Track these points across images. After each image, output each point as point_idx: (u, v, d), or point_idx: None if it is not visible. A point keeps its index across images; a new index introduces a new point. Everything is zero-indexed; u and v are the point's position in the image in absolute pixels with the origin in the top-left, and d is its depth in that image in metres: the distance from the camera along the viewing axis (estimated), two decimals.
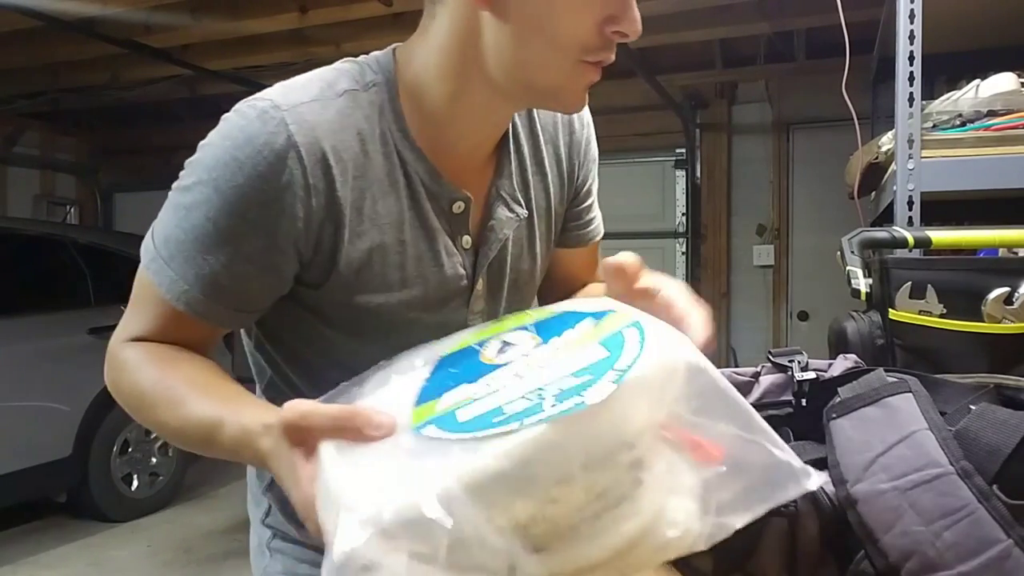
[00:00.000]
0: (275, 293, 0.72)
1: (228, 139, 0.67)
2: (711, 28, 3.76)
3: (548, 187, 0.84)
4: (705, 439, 0.45)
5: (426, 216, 0.73)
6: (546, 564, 0.41)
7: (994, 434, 0.46)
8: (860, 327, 1.00)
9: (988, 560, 0.42)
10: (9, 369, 3.45)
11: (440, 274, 0.74)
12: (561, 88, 0.70)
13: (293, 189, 0.65)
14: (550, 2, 0.65)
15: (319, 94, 0.69)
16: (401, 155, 0.71)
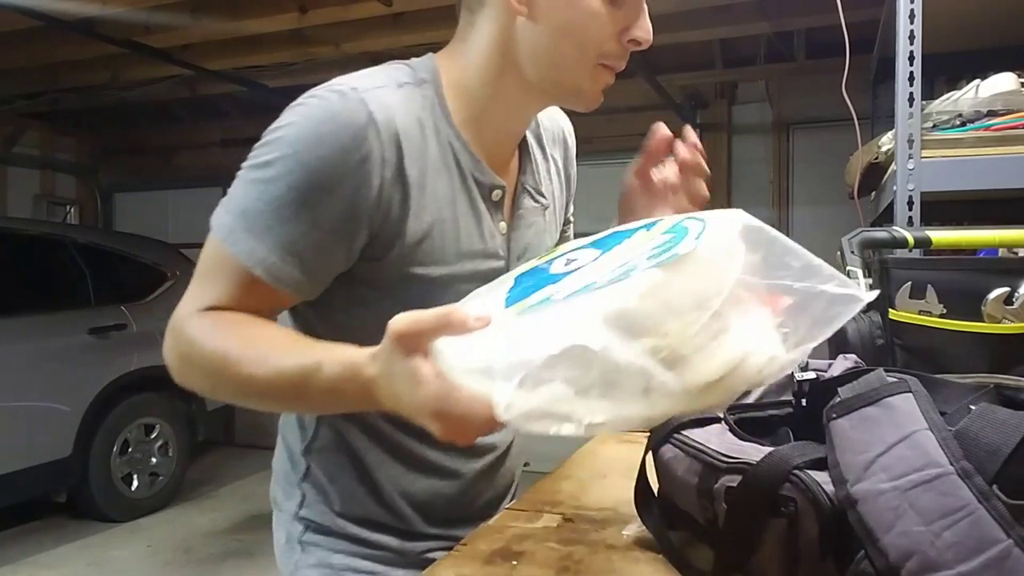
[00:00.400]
0: (343, 264, 0.75)
1: (310, 118, 0.71)
2: (711, 28, 3.76)
3: (554, 188, 0.95)
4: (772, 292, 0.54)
5: (474, 198, 0.81)
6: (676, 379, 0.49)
7: (994, 434, 0.46)
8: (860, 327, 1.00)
9: (988, 560, 0.42)
10: (9, 369, 3.45)
11: (485, 251, 0.82)
12: (583, 88, 0.79)
13: (370, 162, 0.70)
14: (580, 12, 0.74)
15: (386, 83, 0.76)
16: (452, 144, 0.79)
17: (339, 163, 0.69)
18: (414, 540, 0.88)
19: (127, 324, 4.01)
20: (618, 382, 0.48)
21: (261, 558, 3.54)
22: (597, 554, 0.73)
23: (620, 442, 1.22)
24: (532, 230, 0.89)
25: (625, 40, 0.77)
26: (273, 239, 0.70)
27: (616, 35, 0.76)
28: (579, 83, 0.78)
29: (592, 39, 0.75)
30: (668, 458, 0.69)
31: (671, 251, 0.51)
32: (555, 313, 0.51)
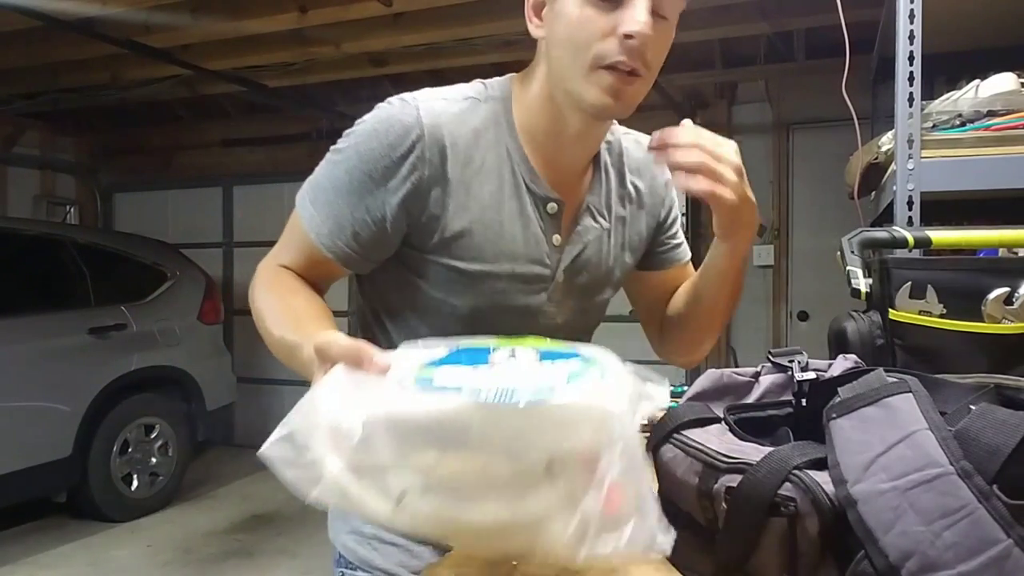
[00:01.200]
0: (385, 246, 0.86)
1: (375, 117, 0.83)
2: (711, 28, 3.75)
3: (626, 217, 0.98)
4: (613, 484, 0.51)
5: (524, 207, 0.87)
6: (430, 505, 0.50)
7: (994, 434, 0.46)
8: (860, 327, 1.00)
9: (988, 560, 0.42)
10: (9, 369, 3.45)
11: (528, 256, 0.88)
12: (586, 94, 0.80)
13: (411, 159, 0.81)
14: (566, 20, 0.79)
15: (449, 96, 0.86)
16: (511, 156, 0.87)
17: (385, 156, 0.81)
18: None
19: (127, 324, 4.02)
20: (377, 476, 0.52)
21: (261, 558, 3.54)
22: None
23: None
24: (590, 248, 0.93)
25: (620, 35, 0.78)
26: (328, 212, 0.83)
27: (607, 33, 0.78)
28: (579, 89, 0.80)
29: (579, 43, 0.78)
30: (668, 458, 0.69)
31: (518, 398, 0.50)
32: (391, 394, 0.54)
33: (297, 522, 3.92)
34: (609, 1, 0.78)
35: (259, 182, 5.63)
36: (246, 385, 5.33)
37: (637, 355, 2.47)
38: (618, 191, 0.97)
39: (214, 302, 4.67)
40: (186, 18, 3.53)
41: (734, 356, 4.47)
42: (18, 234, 3.87)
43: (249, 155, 5.59)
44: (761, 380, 0.77)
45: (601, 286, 0.97)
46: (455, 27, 3.53)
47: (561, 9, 0.79)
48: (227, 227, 5.83)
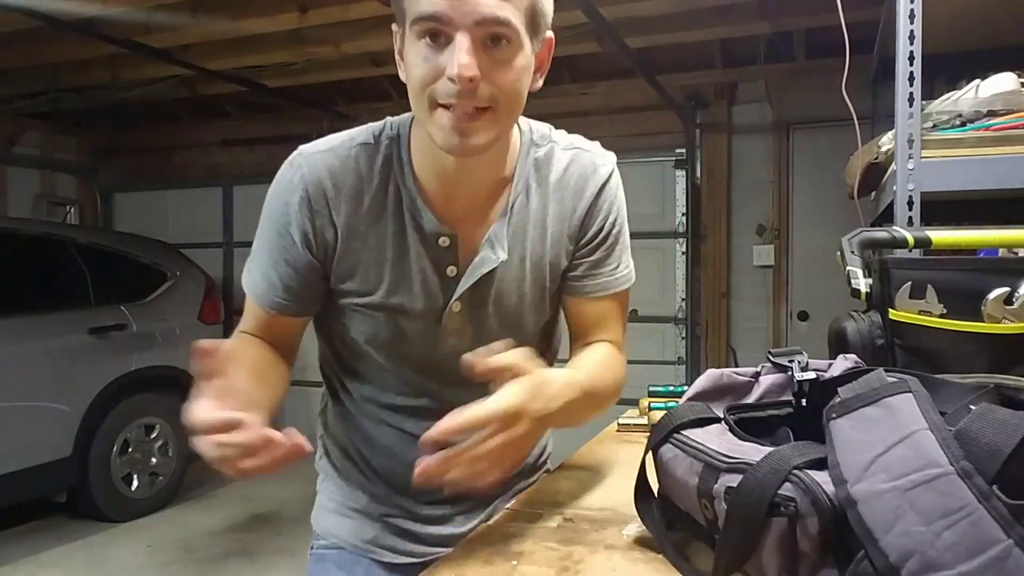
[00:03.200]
0: (313, 289, 0.94)
1: (274, 181, 0.93)
2: (711, 28, 3.76)
3: (546, 239, 0.95)
4: None
5: (412, 243, 0.91)
6: None
7: (994, 434, 0.46)
8: (860, 327, 1.00)
9: (988, 560, 0.42)
10: (9, 369, 3.45)
11: (412, 290, 0.92)
12: (431, 134, 0.82)
13: (302, 211, 0.89)
14: (408, 59, 0.81)
15: (336, 146, 0.91)
16: (400, 193, 0.90)
17: (283, 213, 0.90)
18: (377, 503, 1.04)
19: (127, 324, 4.02)
20: None
21: (261, 558, 3.54)
22: (597, 554, 0.73)
23: (620, 442, 1.22)
24: (488, 278, 0.92)
25: (445, 75, 0.77)
26: (260, 273, 0.93)
27: (438, 73, 0.77)
28: (429, 131, 0.82)
29: (416, 86, 0.79)
30: (668, 458, 0.69)
31: None
32: None
33: (297, 522, 3.91)
34: (436, 42, 0.77)
35: (259, 182, 5.58)
36: None
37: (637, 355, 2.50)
38: (537, 214, 0.94)
39: (214, 302, 4.67)
40: (186, 18, 3.53)
41: (734, 356, 4.47)
42: (18, 234, 3.87)
43: (249, 155, 5.59)
44: (761, 380, 0.77)
45: (517, 311, 0.96)
46: None
47: (406, 52, 0.81)
48: (227, 227, 5.83)
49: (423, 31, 0.77)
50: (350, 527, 1.05)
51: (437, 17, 0.75)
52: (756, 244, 4.48)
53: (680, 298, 4.69)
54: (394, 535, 1.03)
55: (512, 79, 0.80)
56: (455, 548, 0.77)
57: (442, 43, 0.77)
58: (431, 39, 0.77)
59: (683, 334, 4.69)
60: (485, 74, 0.77)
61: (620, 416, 1.34)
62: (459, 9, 0.75)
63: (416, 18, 0.77)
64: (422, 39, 0.77)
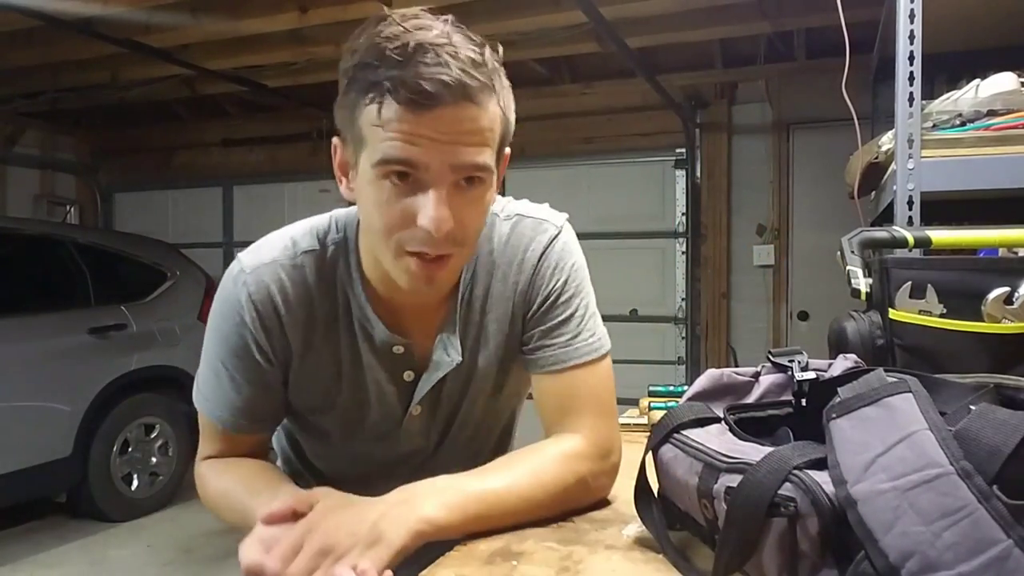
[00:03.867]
0: (278, 404, 0.91)
1: (219, 297, 0.87)
2: (711, 28, 3.76)
3: (492, 324, 0.91)
4: None
5: (361, 354, 0.88)
6: None
7: (994, 434, 0.46)
8: (860, 327, 1.00)
9: (988, 560, 0.42)
10: (9, 369, 3.45)
11: (369, 402, 0.90)
12: (397, 273, 0.78)
13: (257, 329, 0.85)
14: (367, 202, 0.75)
15: (279, 256, 0.86)
16: (349, 303, 0.87)
17: (237, 332, 0.85)
18: None
19: (127, 324, 4.01)
20: None
21: None
22: (597, 554, 0.73)
23: None
24: (448, 379, 0.90)
25: (417, 224, 0.71)
26: (219, 398, 0.88)
27: (407, 220, 0.72)
28: (391, 271, 0.78)
29: (379, 229, 0.74)
30: (668, 458, 0.69)
31: None
32: None
33: None
34: (403, 182, 0.71)
35: (259, 182, 5.64)
36: None
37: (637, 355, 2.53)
38: (481, 304, 0.89)
39: None
40: (186, 18, 3.53)
41: (734, 356, 4.47)
42: (18, 234, 3.87)
43: (249, 155, 5.60)
44: (761, 380, 0.77)
45: (482, 406, 0.95)
46: None
47: (361, 184, 0.74)
48: (227, 227, 5.83)
49: (389, 172, 0.70)
50: None
51: (410, 163, 0.69)
52: (756, 244, 4.48)
53: (680, 298, 4.69)
54: None
55: (480, 215, 0.77)
56: (455, 548, 0.77)
57: (409, 184, 0.71)
58: (397, 178, 0.71)
59: (683, 334, 4.69)
60: (456, 217, 0.71)
61: (620, 416, 1.34)
62: (437, 158, 0.69)
63: (383, 160, 0.70)
64: (386, 179, 0.71)
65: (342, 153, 0.78)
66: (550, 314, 0.88)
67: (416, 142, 0.69)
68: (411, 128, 0.68)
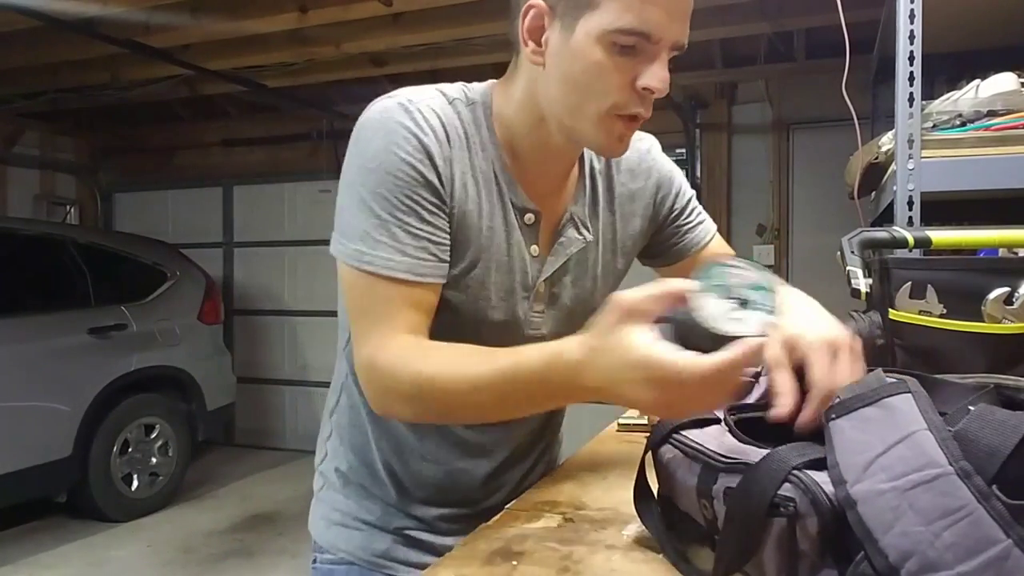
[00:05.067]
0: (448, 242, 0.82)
1: (378, 131, 0.80)
2: (711, 28, 3.75)
3: (615, 222, 0.96)
4: None
5: (508, 213, 0.86)
6: None
7: (993, 435, 0.46)
8: (860, 327, 1.00)
9: (988, 560, 0.42)
10: (9, 369, 3.45)
11: (508, 266, 0.87)
12: (595, 137, 0.80)
13: (433, 156, 0.79)
14: (582, 63, 0.75)
15: (434, 96, 0.83)
16: (493, 163, 0.86)
17: (413, 162, 0.78)
18: (392, 514, 0.98)
19: (127, 324, 4.02)
20: None
21: (261, 558, 3.54)
22: (597, 554, 0.73)
23: (620, 442, 1.22)
24: (573, 260, 0.92)
25: (640, 87, 0.75)
26: (393, 244, 0.78)
27: (627, 84, 0.75)
28: (586, 131, 0.79)
29: (596, 90, 0.76)
30: (667, 459, 0.69)
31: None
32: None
33: (297, 522, 3.91)
34: (630, 51, 0.74)
35: (259, 182, 5.64)
36: (246, 385, 5.33)
37: None
38: (606, 196, 0.96)
39: (214, 302, 4.67)
40: (186, 18, 3.53)
41: None
42: (18, 234, 3.87)
43: (249, 155, 5.59)
44: (761, 380, 0.77)
45: (589, 296, 0.96)
46: (455, 27, 3.53)
47: (576, 48, 0.75)
48: (227, 227, 5.83)
49: (624, 43, 0.73)
50: (360, 540, 0.98)
51: (648, 35, 0.73)
52: (756, 244, 4.47)
53: None
54: (408, 547, 0.98)
55: None
56: (455, 548, 0.77)
57: (631, 51, 0.74)
58: (623, 48, 0.74)
59: None
60: None
61: (620, 416, 1.34)
62: (671, 32, 0.74)
63: (622, 29, 0.72)
64: (613, 47, 0.74)
65: (537, 16, 0.78)
66: (687, 207, 1.03)
67: (661, 15, 0.73)
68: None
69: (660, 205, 1.01)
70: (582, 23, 0.74)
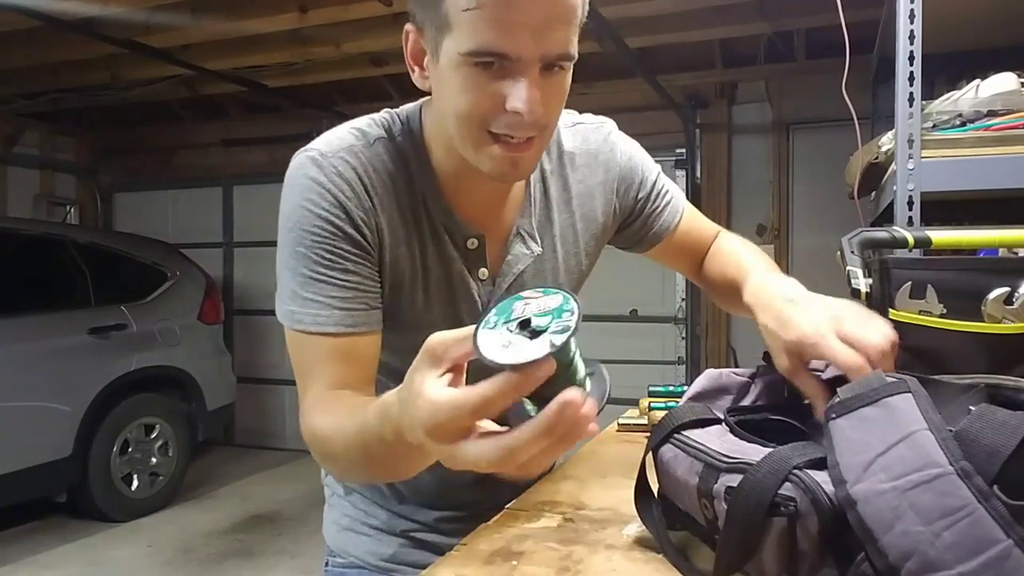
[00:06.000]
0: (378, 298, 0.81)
1: (293, 195, 0.79)
2: (711, 28, 3.75)
3: (576, 223, 0.93)
4: None
5: (444, 247, 0.84)
6: None
7: (994, 435, 0.46)
8: None
9: (988, 560, 0.42)
10: (9, 369, 3.45)
11: (454, 299, 0.86)
12: (480, 162, 0.76)
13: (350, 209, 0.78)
14: (449, 86, 0.72)
15: (354, 143, 0.81)
16: (424, 195, 0.83)
17: (327, 218, 0.77)
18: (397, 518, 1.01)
19: (127, 324, 4.02)
20: None
21: (261, 558, 3.54)
22: (597, 554, 0.73)
23: (620, 442, 1.22)
24: (527, 274, 0.89)
25: (508, 110, 0.71)
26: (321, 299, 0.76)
27: (497, 107, 0.71)
28: (473, 158, 0.76)
29: (463, 114, 0.72)
30: (668, 458, 0.69)
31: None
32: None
33: (297, 522, 3.92)
34: (491, 70, 0.69)
35: (259, 182, 5.63)
36: (246, 385, 5.33)
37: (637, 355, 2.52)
38: (561, 196, 0.92)
39: (214, 302, 4.67)
40: (186, 18, 3.53)
41: (734, 356, 4.47)
42: (18, 234, 3.87)
43: (249, 155, 5.59)
44: (760, 380, 0.77)
45: None
46: None
47: (443, 72, 0.72)
48: (227, 227, 5.83)
49: (486, 63, 0.69)
50: (368, 545, 1.01)
51: (503, 54, 0.68)
52: (756, 244, 4.47)
53: (680, 298, 4.69)
54: (415, 549, 1.00)
55: (562, 101, 0.77)
56: (455, 548, 0.77)
57: (497, 70, 0.69)
58: (486, 65, 0.69)
59: (683, 334, 4.69)
60: (542, 101, 0.72)
61: (620, 416, 1.34)
62: (530, 47, 0.68)
63: (475, 51, 0.68)
64: (475, 65, 0.69)
65: (415, 40, 0.76)
66: (652, 193, 1.00)
67: (512, 31, 0.67)
68: (505, 13, 0.67)
69: (624, 196, 0.98)
70: (444, 47, 0.71)
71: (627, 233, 1.02)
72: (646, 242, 1.03)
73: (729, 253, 1.03)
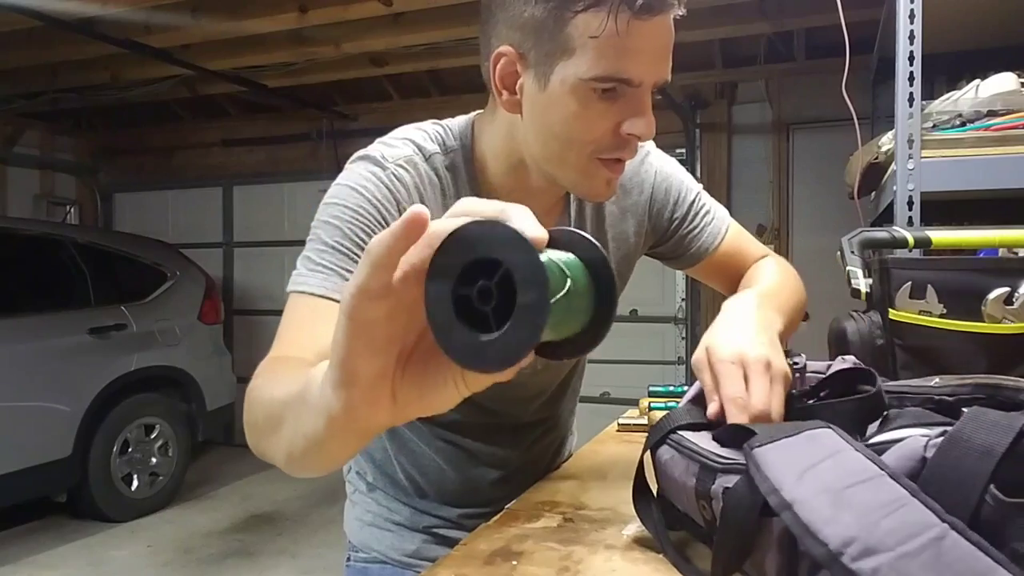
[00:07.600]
0: None
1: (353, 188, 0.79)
2: (711, 28, 3.75)
3: (608, 244, 0.95)
4: None
5: None
6: None
7: (987, 435, 0.46)
8: (860, 327, 1.00)
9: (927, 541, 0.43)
10: (9, 369, 3.45)
11: None
12: (579, 184, 0.79)
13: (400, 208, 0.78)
14: (562, 114, 0.73)
15: (411, 154, 0.82)
16: None
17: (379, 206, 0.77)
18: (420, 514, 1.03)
19: (127, 324, 4.02)
20: None
21: (261, 558, 3.54)
22: (597, 554, 0.73)
23: (620, 442, 1.22)
24: None
25: (624, 133, 0.74)
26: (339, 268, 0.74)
27: (611, 130, 0.74)
28: (574, 180, 0.78)
29: (577, 140, 0.74)
30: (665, 459, 0.69)
31: None
32: None
33: (297, 522, 3.92)
34: (611, 95, 0.72)
35: (259, 182, 5.64)
36: (246, 385, 5.31)
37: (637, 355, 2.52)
38: (595, 219, 0.94)
39: (214, 302, 4.67)
40: (186, 18, 3.53)
41: None
42: (18, 234, 3.87)
43: (249, 155, 5.60)
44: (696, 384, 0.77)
45: None
46: (455, 27, 3.53)
47: (553, 97, 0.73)
48: (227, 227, 5.83)
49: (607, 89, 0.71)
50: (391, 541, 1.03)
51: (628, 80, 0.71)
52: None
53: (680, 298, 4.69)
54: (437, 545, 1.02)
55: None
56: (455, 548, 0.77)
57: (612, 95, 0.72)
58: (604, 92, 0.71)
59: (683, 334, 4.69)
60: None
61: (620, 416, 1.34)
62: (652, 74, 0.72)
63: (598, 77, 0.69)
64: (593, 94, 0.71)
65: (509, 63, 0.74)
66: (689, 209, 1.00)
67: (637, 58, 0.70)
68: (634, 42, 0.68)
69: (657, 218, 0.99)
70: (557, 71, 0.71)
71: (661, 251, 1.04)
72: (683, 261, 1.04)
73: (752, 275, 1.01)
